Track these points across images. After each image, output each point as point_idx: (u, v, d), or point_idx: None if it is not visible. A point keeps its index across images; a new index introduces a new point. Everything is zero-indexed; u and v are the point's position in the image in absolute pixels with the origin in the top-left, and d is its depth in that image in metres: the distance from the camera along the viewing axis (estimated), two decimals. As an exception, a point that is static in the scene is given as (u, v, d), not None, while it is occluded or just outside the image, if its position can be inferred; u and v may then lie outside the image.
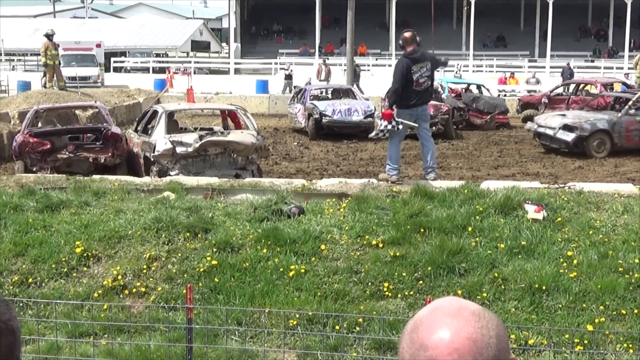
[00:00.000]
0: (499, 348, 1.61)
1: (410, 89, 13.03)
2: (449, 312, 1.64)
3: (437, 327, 1.62)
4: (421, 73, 13.11)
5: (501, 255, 9.66)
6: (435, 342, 1.60)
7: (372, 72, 50.85)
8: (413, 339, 1.63)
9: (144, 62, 57.49)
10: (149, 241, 10.20)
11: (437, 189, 11.60)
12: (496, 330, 1.62)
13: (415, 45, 13.24)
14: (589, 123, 20.95)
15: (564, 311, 8.79)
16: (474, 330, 1.60)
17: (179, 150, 15.22)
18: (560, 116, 22.12)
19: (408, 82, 12.98)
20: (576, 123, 20.92)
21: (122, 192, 11.91)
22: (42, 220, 10.81)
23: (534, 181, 13.89)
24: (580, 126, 20.79)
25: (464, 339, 1.59)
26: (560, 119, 21.63)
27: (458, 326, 1.61)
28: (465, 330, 1.60)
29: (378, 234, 10.18)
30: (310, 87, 29.93)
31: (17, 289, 9.55)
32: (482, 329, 1.61)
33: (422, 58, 13.35)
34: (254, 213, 10.89)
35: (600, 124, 21.01)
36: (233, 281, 9.40)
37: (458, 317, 1.62)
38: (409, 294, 9.16)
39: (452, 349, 1.58)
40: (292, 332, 8.51)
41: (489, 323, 1.63)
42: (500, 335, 1.63)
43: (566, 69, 41.87)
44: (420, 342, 1.61)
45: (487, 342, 1.60)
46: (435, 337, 1.60)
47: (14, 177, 13.61)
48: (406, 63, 13.11)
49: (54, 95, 27.22)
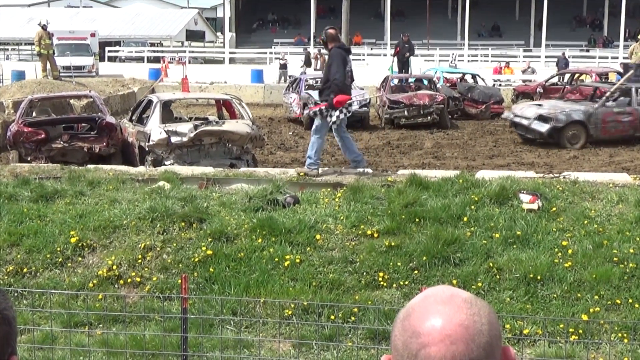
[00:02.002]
0: (491, 335, 1.61)
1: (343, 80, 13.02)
2: (441, 300, 1.64)
3: (429, 314, 1.62)
4: (349, 66, 13.18)
5: (496, 245, 9.68)
6: (427, 329, 1.60)
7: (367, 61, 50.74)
8: (405, 326, 1.63)
9: (139, 51, 57.32)
10: (144, 231, 10.19)
11: (433, 179, 11.60)
12: (488, 317, 1.63)
13: (338, 41, 13.34)
14: (564, 114, 20.61)
15: (558, 301, 8.81)
16: (466, 317, 1.61)
17: (174, 139, 15.20)
18: (537, 106, 21.79)
19: (343, 73, 12.95)
20: (551, 114, 20.63)
21: (116, 182, 11.90)
22: (37, 210, 10.80)
23: (529, 171, 13.89)
24: (555, 117, 20.48)
25: (456, 326, 1.59)
26: (535, 109, 21.32)
27: (450, 313, 1.61)
28: (458, 317, 1.60)
29: (373, 223, 10.19)
30: (305, 76, 29.91)
31: (12, 279, 9.55)
32: (474, 315, 1.62)
33: (350, 52, 13.55)
34: (249, 203, 10.89)
35: (575, 115, 20.62)
36: (228, 271, 9.40)
37: (450, 305, 1.63)
38: (404, 283, 9.17)
39: (444, 336, 1.59)
40: (287, 322, 8.53)
41: (480, 310, 1.63)
42: (492, 322, 1.63)
43: (561, 58, 41.83)
44: (412, 330, 1.61)
45: (479, 329, 1.60)
46: (427, 324, 1.61)
47: (8, 167, 13.58)
48: (343, 54, 13.13)
49: (49, 85, 27.19)
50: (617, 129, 20.90)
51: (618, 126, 20.91)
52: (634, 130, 20.96)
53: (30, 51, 48.11)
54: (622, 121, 20.93)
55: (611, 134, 20.75)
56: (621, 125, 20.92)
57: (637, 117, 20.98)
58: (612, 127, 20.76)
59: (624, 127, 20.93)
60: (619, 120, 20.93)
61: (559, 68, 38.83)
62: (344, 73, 12.91)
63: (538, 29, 56.71)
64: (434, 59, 48.59)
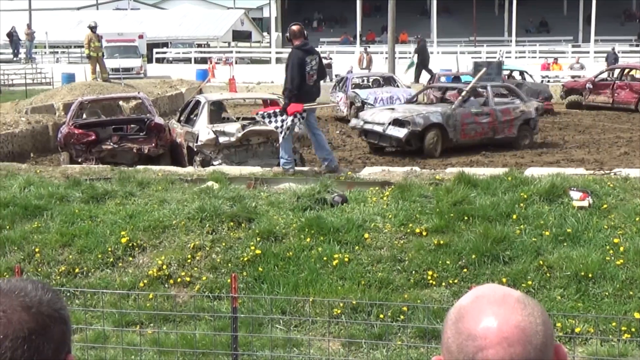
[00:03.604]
0: (546, 335, 1.60)
1: (302, 83, 12.98)
2: (494, 300, 1.63)
3: (484, 315, 1.60)
4: (311, 66, 13.08)
5: (546, 242, 9.59)
6: (483, 332, 1.58)
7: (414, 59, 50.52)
8: (459, 328, 1.62)
9: (186, 52, 57.70)
10: (193, 231, 10.26)
11: (481, 177, 11.53)
12: (542, 318, 1.62)
13: (303, 38, 13.25)
14: (421, 116, 18.73)
15: (610, 299, 8.71)
16: (522, 318, 1.59)
17: (222, 140, 15.27)
18: (389, 110, 19.94)
19: (301, 76, 12.92)
20: (407, 117, 18.69)
21: (166, 182, 12.00)
22: (88, 211, 10.93)
23: (579, 168, 13.75)
24: (412, 120, 18.53)
25: (512, 328, 1.58)
26: (389, 113, 19.47)
27: (505, 314, 1.60)
28: (514, 319, 1.59)
29: (421, 222, 10.15)
30: (351, 75, 29.91)
31: (64, 279, 9.67)
32: (529, 316, 1.60)
33: (311, 51, 13.39)
34: (297, 202, 10.91)
35: (433, 117, 18.81)
36: (277, 270, 9.43)
37: (504, 305, 1.61)
38: (453, 282, 9.13)
39: (501, 338, 1.57)
40: (336, 320, 8.53)
41: (534, 310, 1.62)
42: (546, 322, 1.62)
43: (610, 53, 41.36)
44: (467, 332, 1.60)
45: (535, 330, 1.59)
46: (482, 326, 1.59)
47: (59, 168, 13.76)
48: (300, 55, 13.08)
49: (98, 87, 27.46)
50: (477, 132, 19.42)
51: (477, 128, 19.41)
52: (494, 132, 19.63)
53: (80, 54, 48.60)
54: (481, 122, 19.46)
55: (471, 137, 19.27)
56: (480, 127, 19.42)
57: (495, 118, 19.67)
58: (471, 129, 19.27)
59: (484, 129, 19.47)
60: (477, 122, 19.43)
61: (608, 63, 38.39)
62: (302, 75, 12.91)
63: (587, 24, 56.07)
64: (481, 56, 48.24)
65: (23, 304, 1.62)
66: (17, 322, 1.59)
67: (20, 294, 1.64)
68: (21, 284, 1.67)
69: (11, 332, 1.58)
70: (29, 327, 1.60)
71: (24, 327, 1.59)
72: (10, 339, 1.58)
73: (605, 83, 29.82)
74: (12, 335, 1.58)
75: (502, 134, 19.78)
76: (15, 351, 1.58)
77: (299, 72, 12.89)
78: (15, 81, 41.82)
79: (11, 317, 1.59)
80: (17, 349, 1.58)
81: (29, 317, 1.61)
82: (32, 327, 1.60)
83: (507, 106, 20.32)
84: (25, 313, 1.61)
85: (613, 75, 31.13)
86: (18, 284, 1.67)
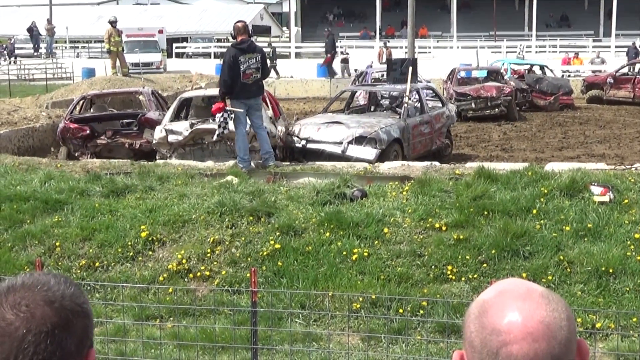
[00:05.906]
0: (570, 330, 1.59)
1: (238, 81, 12.97)
2: (518, 295, 1.62)
3: (508, 310, 1.60)
4: (249, 64, 13.05)
5: (567, 238, 9.54)
6: (507, 327, 1.58)
7: (433, 54, 50.44)
8: (483, 323, 1.61)
9: (206, 47, 57.82)
10: (213, 225, 10.28)
11: (501, 171, 11.49)
12: (566, 313, 1.61)
13: (246, 35, 13.24)
14: (383, 131, 15.23)
15: (631, 294, 8.66)
16: (546, 313, 1.59)
17: (170, 138, 15.16)
18: (337, 124, 15.73)
19: (235, 74, 12.91)
20: (372, 133, 15.03)
21: (185, 177, 12.03)
22: (108, 205, 10.97)
23: (600, 163, 13.68)
24: (378, 137, 15.00)
25: (537, 323, 1.57)
26: (342, 128, 15.40)
27: (530, 309, 1.59)
28: (538, 314, 1.58)
29: (441, 217, 10.13)
30: (371, 70, 29.85)
31: (85, 273, 9.71)
32: (554, 312, 1.59)
33: (251, 49, 13.29)
34: (316, 196, 10.91)
35: (393, 132, 15.47)
36: (296, 265, 9.44)
37: (528, 300, 1.61)
38: (473, 277, 9.11)
39: (526, 333, 1.56)
40: (355, 315, 8.52)
41: (558, 305, 1.61)
42: (569, 317, 1.61)
43: (631, 48, 41.16)
44: (491, 327, 1.59)
45: (559, 325, 1.58)
46: (507, 321, 1.58)
47: (80, 163, 13.83)
48: (233, 53, 13.09)
49: (118, 82, 27.56)
50: (422, 144, 16.74)
51: (422, 140, 16.75)
52: (431, 142, 17.17)
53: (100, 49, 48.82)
54: (424, 133, 16.79)
55: (417, 151, 16.33)
56: (424, 138, 16.82)
57: (432, 127, 17.12)
58: (418, 142, 16.51)
59: (426, 140, 16.91)
60: (422, 133, 16.70)
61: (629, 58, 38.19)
62: (236, 74, 12.92)
63: (608, 19, 55.79)
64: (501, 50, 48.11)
65: (46, 298, 1.63)
66: (40, 316, 1.60)
67: (43, 289, 1.64)
68: (44, 278, 1.67)
69: (34, 326, 1.59)
70: (52, 322, 1.60)
71: (47, 321, 1.60)
72: (34, 334, 1.59)
73: (626, 78, 29.68)
74: (35, 329, 1.59)
75: (436, 144, 17.50)
76: (38, 345, 1.58)
77: (230, 70, 12.94)
78: (35, 76, 42.03)
79: (34, 312, 1.60)
80: (40, 343, 1.59)
81: (52, 311, 1.61)
82: (55, 322, 1.61)
83: (438, 112, 18.02)
84: (49, 307, 1.62)
85: (634, 69, 30.98)
86: (41, 278, 1.67)
